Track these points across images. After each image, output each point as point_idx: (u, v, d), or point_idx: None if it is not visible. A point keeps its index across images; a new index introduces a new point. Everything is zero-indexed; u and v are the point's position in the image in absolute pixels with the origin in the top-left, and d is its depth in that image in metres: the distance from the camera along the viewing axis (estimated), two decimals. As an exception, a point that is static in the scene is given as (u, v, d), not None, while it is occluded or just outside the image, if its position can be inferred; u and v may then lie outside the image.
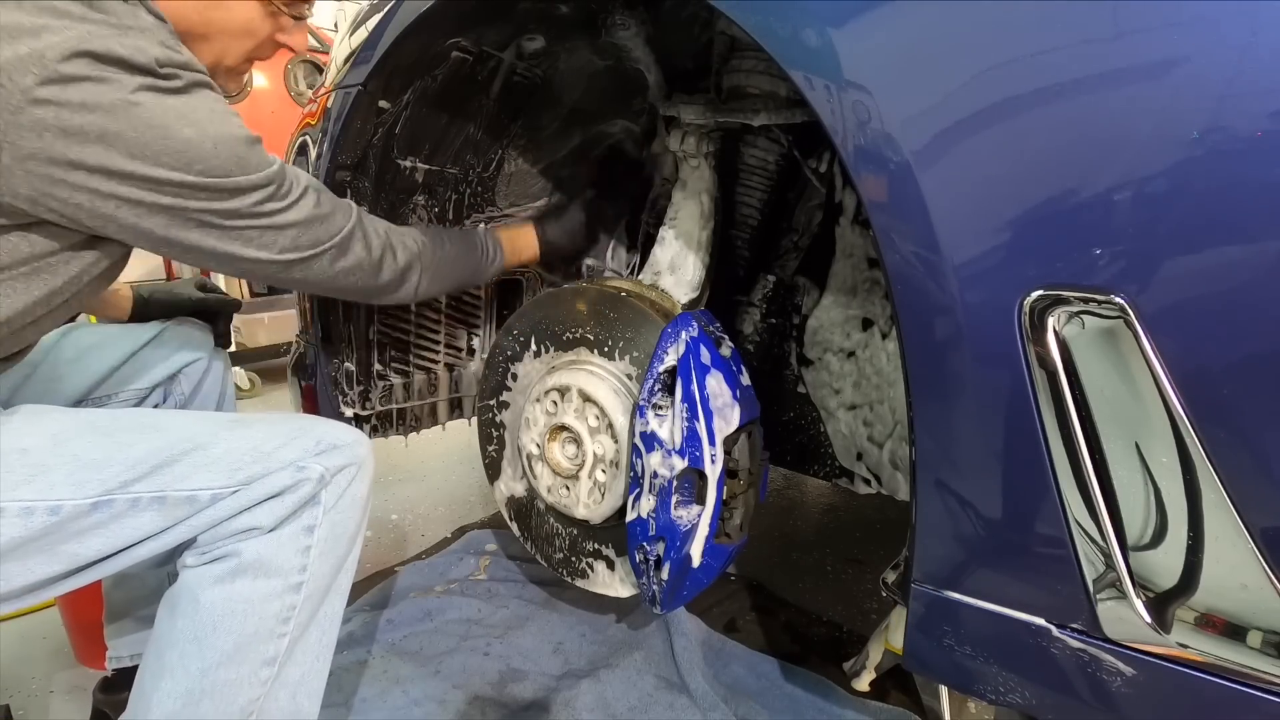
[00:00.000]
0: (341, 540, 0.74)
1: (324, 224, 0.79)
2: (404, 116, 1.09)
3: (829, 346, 1.18)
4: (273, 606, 0.69)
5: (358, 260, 0.83)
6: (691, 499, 0.97)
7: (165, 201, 0.65)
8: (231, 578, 0.68)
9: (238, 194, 0.69)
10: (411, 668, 1.12)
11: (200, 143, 0.65)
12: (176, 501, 0.66)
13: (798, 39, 0.64)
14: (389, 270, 0.88)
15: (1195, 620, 0.56)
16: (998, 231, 0.57)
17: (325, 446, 0.73)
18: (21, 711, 1.09)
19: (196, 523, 0.68)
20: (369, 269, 0.85)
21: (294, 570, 0.70)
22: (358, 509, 0.76)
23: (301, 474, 0.70)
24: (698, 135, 1.12)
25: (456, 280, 1.03)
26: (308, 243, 0.77)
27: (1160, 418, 0.53)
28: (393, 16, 0.98)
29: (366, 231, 0.85)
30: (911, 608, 0.71)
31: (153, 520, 0.66)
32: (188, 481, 0.67)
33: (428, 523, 1.73)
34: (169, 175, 0.64)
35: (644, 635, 1.22)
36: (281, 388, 3.01)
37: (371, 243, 0.85)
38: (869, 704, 1.05)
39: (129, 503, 0.65)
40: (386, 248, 0.87)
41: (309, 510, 0.71)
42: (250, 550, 0.68)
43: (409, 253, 0.91)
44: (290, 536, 0.70)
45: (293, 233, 0.75)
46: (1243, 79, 0.46)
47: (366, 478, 0.78)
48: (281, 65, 2.98)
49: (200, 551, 0.69)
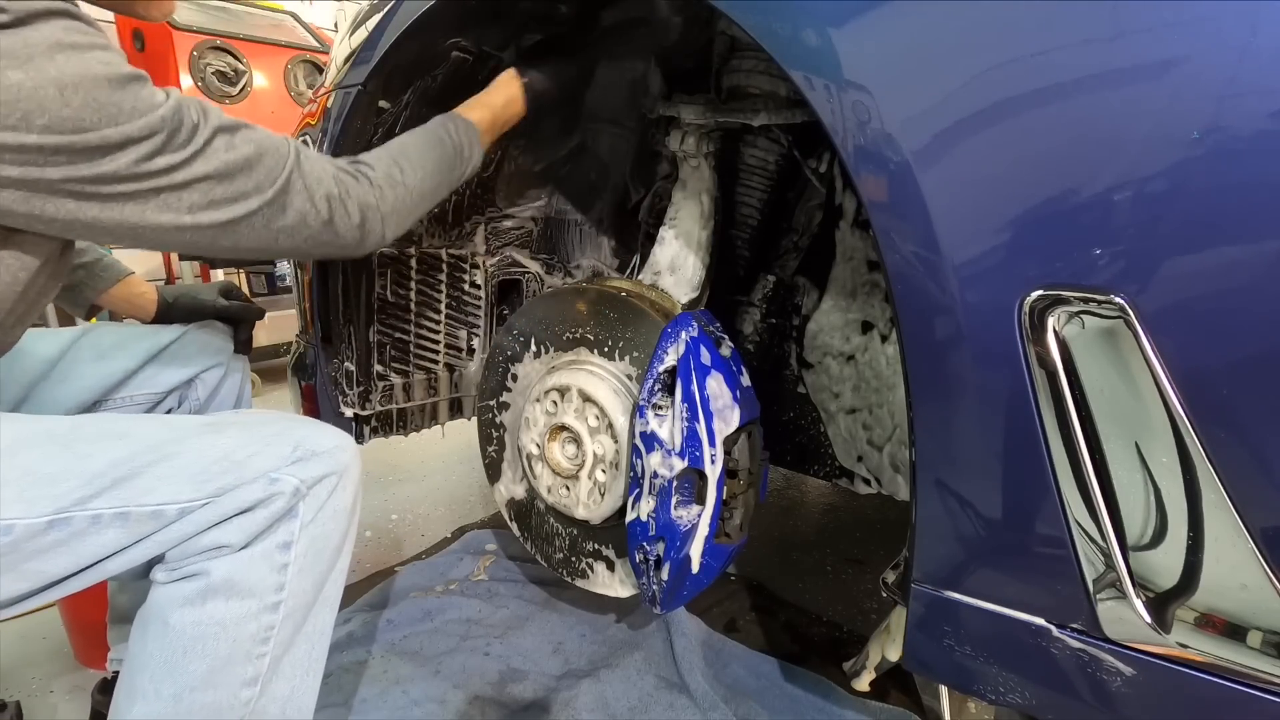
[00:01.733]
0: (324, 554, 0.70)
1: (247, 172, 0.64)
2: (404, 116, 1.09)
3: (828, 350, 1.18)
4: (248, 628, 0.65)
5: (300, 215, 0.69)
6: (691, 499, 0.97)
7: (13, 173, 0.53)
8: (201, 599, 0.63)
9: (107, 153, 0.55)
10: (411, 668, 1.12)
11: (38, 90, 0.51)
12: (141, 517, 0.61)
13: (798, 39, 0.64)
14: (343, 223, 0.73)
15: (1195, 620, 0.56)
16: (998, 231, 0.57)
17: (303, 454, 0.67)
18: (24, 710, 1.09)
19: (164, 538, 0.63)
20: (316, 225, 0.71)
21: (270, 590, 0.65)
22: (342, 519, 0.71)
23: (274, 487, 0.64)
24: (698, 135, 1.12)
25: (431, 202, 0.87)
26: (226, 197, 0.62)
27: (1160, 418, 0.53)
28: (393, 16, 0.98)
29: (307, 177, 0.69)
30: (911, 608, 0.71)
31: (117, 537, 0.61)
32: (152, 495, 0.61)
33: (428, 523, 1.73)
34: (4, 139, 0.51)
35: (644, 635, 1.21)
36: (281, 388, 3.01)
37: (315, 192, 0.70)
38: (869, 704, 1.05)
39: (89, 520, 0.59)
40: (334, 197, 0.72)
41: (284, 525, 0.66)
42: (220, 570, 0.63)
43: (365, 194, 0.75)
44: (264, 554, 0.65)
45: (203, 187, 0.61)
46: (1243, 79, 0.46)
47: (350, 486, 0.71)
48: (282, 65, 2.99)
49: (170, 568, 0.64)
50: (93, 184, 0.56)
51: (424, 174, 0.83)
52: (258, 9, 3.16)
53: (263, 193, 0.65)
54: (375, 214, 0.77)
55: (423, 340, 1.38)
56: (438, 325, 1.40)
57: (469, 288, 1.42)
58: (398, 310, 1.32)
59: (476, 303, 1.45)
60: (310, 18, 3.37)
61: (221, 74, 2.83)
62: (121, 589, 1.02)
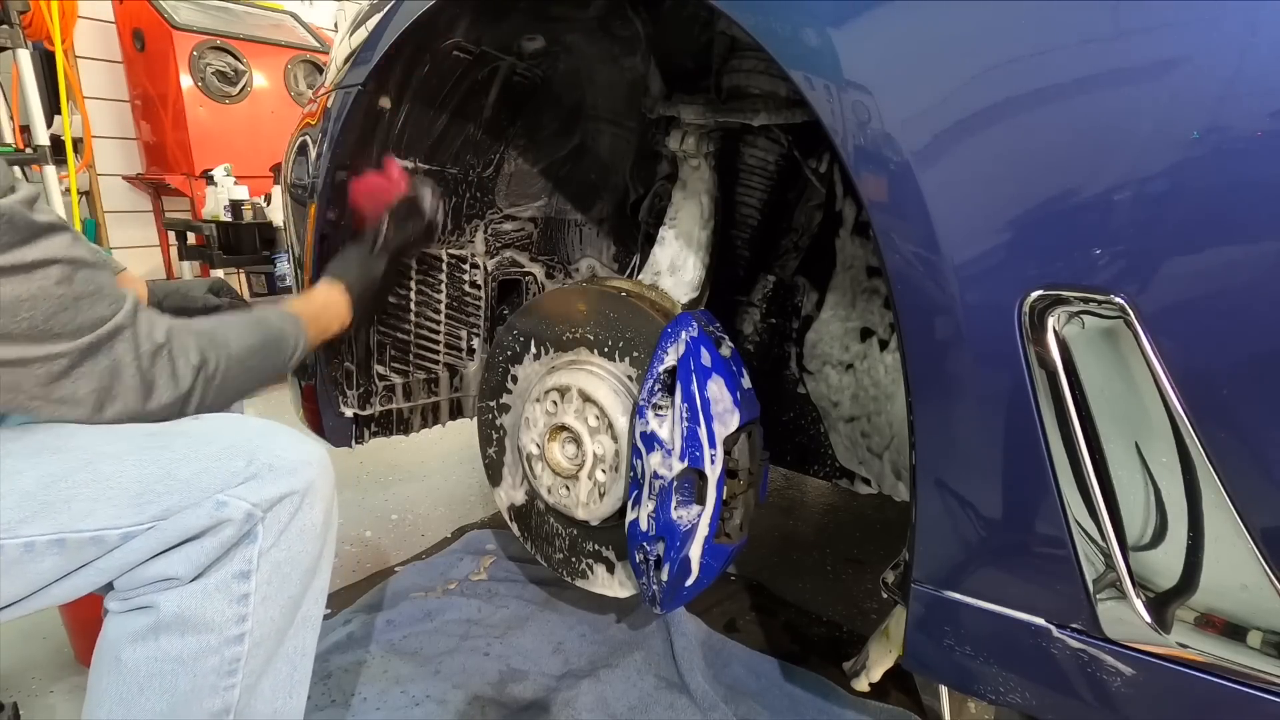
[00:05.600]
0: (292, 578, 0.64)
1: (71, 308, 0.55)
2: (404, 116, 1.09)
3: (828, 360, 1.18)
4: (208, 662, 0.59)
5: (111, 374, 0.59)
6: (691, 499, 0.97)
7: None
8: (154, 634, 0.58)
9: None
10: (411, 668, 1.12)
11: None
12: (79, 544, 0.55)
13: (798, 39, 0.64)
14: (164, 392, 0.63)
15: (1195, 620, 0.56)
16: (998, 231, 0.57)
17: (258, 469, 0.61)
18: (22, 711, 1.09)
19: (107, 566, 0.57)
20: (134, 391, 0.61)
21: (229, 622, 0.60)
22: (311, 539, 0.65)
23: (222, 512, 0.58)
24: (698, 135, 1.12)
25: (250, 391, 0.79)
26: (20, 332, 0.53)
27: (1160, 418, 0.53)
28: (393, 16, 0.98)
29: (139, 334, 0.61)
30: (911, 608, 0.71)
31: (56, 564, 0.56)
32: (89, 520, 0.55)
33: (428, 523, 1.73)
34: None
35: (644, 635, 1.21)
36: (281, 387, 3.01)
37: (142, 348, 0.61)
38: (869, 704, 1.05)
39: (21, 548, 0.54)
40: (162, 357, 0.63)
41: (240, 552, 0.60)
42: (169, 605, 0.58)
43: (192, 370, 0.66)
44: (219, 586, 0.59)
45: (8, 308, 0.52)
46: (1243, 79, 0.46)
47: (319, 502, 0.65)
48: (282, 65, 2.99)
49: (121, 598, 0.59)
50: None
51: (252, 363, 0.75)
52: (258, 9, 3.16)
53: (81, 334, 0.57)
54: (197, 389, 0.67)
55: (423, 340, 1.38)
56: (438, 325, 1.40)
57: (469, 288, 1.42)
58: (398, 310, 1.32)
59: (477, 303, 1.45)
60: (310, 18, 3.37)
61: (221, 74, 2.83)
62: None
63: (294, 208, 1.21)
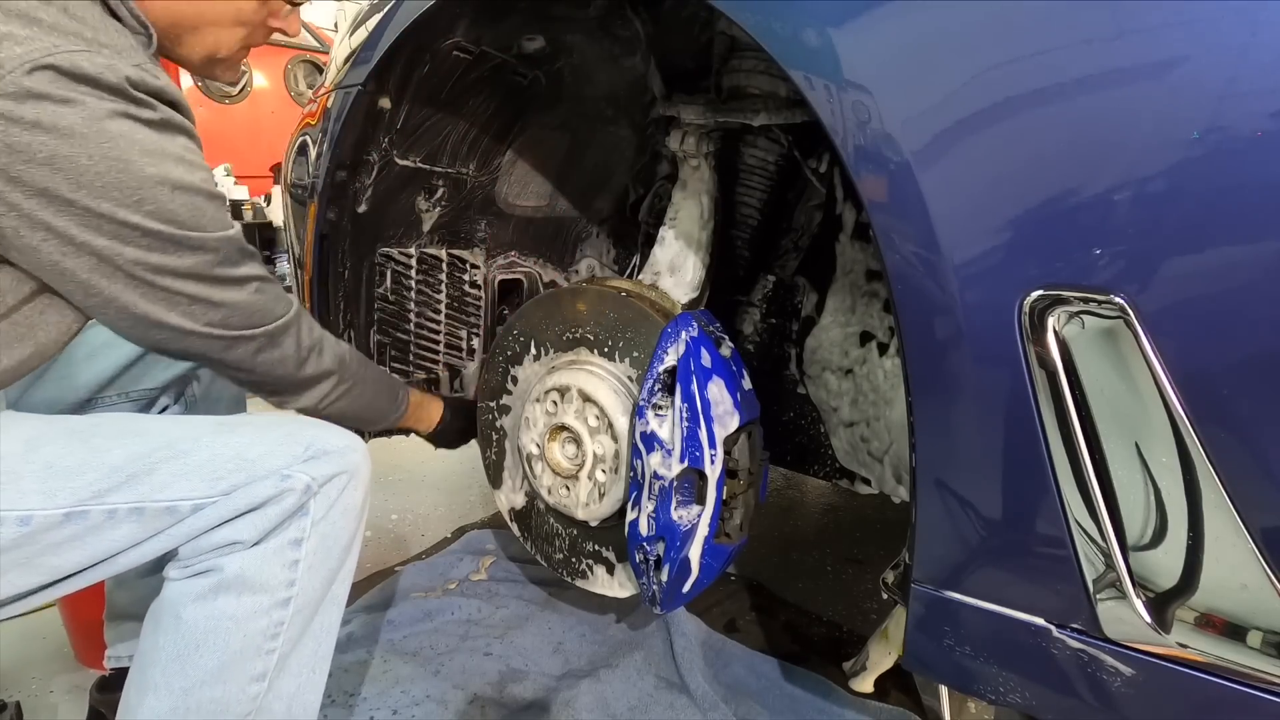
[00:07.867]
0: (334, 551, 0.72)
1: (261, 311, 0.73)
2: (404, 116, 1.09)
3: (827, 365, 1.18)
4: (259, 623, 0.67)
5: (283, 355, 0.77)
6: (691, 499, 0.97)
7: (98, 243, 0.59)
8: (214, 594, 0.65)
9: (180, 249, 0.63)
10: (411, 668, 1.12)
11: (159, 183, 0.60)
12: (155, 513, 0.63)
13: (798, 39, 0.64)
14: (312, 366, 0.80)
15: (1195, 620, 0.56)
16: (998, 231, 0.57)
17: (315, 452, 0.70)
18: (23, 711, 1.09)
19: (177, 533, 0.65)
20: (293, 363, 0.78)
21: (281, 585, 0.67)
22: (351, 518, 0.73)
23: (286, 483, 0.67)
24: (698, 135, 1.12)
25: (363, 408, 0.92)
26: (239, 324, 0.71)
27: (1160, 418, 0.53)
28: (393, 16, 0.98)
29: (301, 328, 0.79)
30: (911, 608, 0.71)
31: (131, 532, 0.63)
32: (167, 491, 0.64)
33: (428, 523, 1.73)
34: (113, 211, 0.58)
35: (644, 635, 1.21)
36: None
37: (303, 339, 0.79)
38: (869, 704, 1.05)
39: (105, 514, 0.62)
40: (315, 347, 0.81)
41: (295, 522, 0.68)
42: (232, 566, 0.65)
43: (335, 358, 0.83)
44: (275, 551, 0.67)
45: (224, 312, 0.69)
46: (1243, 79, 0.46)
47: (360, 485, 0.74)
48: (282, 65, 2.99)
49: (183, 564, 0.66)
50: (153, 272, 0.63)
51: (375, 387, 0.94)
52: (258, 9, 3.16)
53: (265, 326, 0.74)
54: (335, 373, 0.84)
55: (423, 340, 1.38)
56: (438, 325, 1.40)
57: (469, 288, 1.42)
58: (398, 311, 1.32)
59: (477, 303, 1.45)
60: (310, 18, 3.37)
61: (221, 74, 2.83)
62: (119, 586, 1.02)
63: (294, 208, 1.22)
